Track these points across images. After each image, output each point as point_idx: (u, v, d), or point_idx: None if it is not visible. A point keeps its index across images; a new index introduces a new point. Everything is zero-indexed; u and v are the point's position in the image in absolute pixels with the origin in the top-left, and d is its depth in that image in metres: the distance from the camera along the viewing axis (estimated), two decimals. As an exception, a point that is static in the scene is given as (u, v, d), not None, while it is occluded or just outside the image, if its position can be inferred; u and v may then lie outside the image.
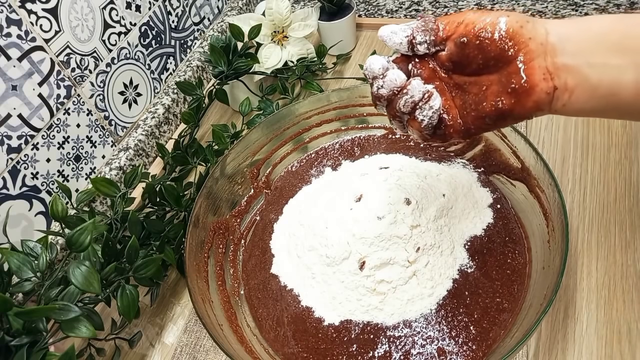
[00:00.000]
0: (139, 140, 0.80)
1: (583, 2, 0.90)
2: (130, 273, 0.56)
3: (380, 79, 0.41)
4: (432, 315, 0.53)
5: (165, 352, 0.63)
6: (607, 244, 0.60)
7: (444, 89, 0.41)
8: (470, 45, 0.37)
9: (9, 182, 0.63)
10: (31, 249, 0.54)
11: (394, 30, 0.41)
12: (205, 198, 0.63)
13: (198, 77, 0.91)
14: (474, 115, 0.40)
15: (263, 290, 0.60)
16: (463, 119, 0.41)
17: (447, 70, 0.41)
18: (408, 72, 0.41)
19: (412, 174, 0.61)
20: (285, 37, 0.86)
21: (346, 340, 0.53)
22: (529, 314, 0.48)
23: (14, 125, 0.63)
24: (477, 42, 0.37)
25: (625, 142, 0.69)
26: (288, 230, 0.64)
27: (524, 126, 0.73)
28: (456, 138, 0.42)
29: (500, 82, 0.38)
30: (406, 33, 0.40)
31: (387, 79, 0.41)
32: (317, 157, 0.73)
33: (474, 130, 0.41)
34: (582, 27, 0.36)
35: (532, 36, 0.36)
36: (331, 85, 0.91)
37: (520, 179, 0.58)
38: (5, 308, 0.45)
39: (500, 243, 0.57)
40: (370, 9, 1.04)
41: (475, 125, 0.40)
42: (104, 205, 0.74)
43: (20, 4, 0.62)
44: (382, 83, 0.41)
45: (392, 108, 0.42)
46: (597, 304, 0.56)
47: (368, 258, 0.54)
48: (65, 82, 0.69)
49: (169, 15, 0.87)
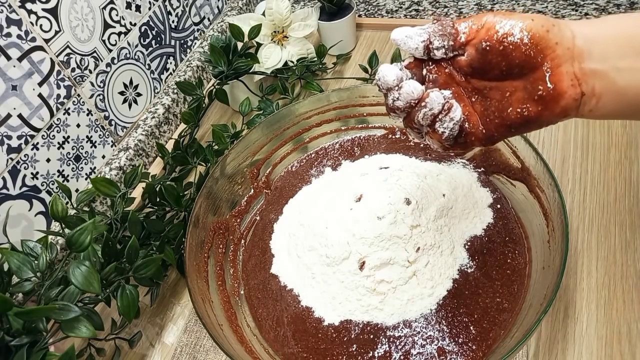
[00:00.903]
0: (139, 140, 0.80)
1: (583, 2, 0.90)
2: (130, 273, 0.56)
3: (396, 91, 0.39)
4: (432, 315, 0.53)
5: (165, 352, 0.63)
6: (607, 244, 0.60)
7: (462, 94, 0.39)
8: (493, 51, 0.36)
9: (9, 182, 0.63)
10: (31, 249, 0.54)
11: (409, 35, 0.38)
12: (205, 198, 0.63)
13: (198, 77, 0.91)
14: (498, 123, 0.38)
15: (263, 290, 0.60)
16: (485, 126, 0.39)
17: (464, 75, 0.39)
18: (422, 77, 0.39)
19: (412, 174, 0.61)
20: (285, 37, 0.86)
21: (346, 340, 0.53)
22: (529, 314, 0.48)
23: (14, 125, 0.63)
24: (500, 48, 0.35)
25: (625, 142, 0.69)
26: (288, 230, 0.64)
27: (524, 126, 0.73)
28: (478, 145, 0.40)
29: (525, 89, 0.36)
30: (422, 38, 0.38)
31: (404, 91, 0.38)
32: (317, 157, 0.73)
33: (497, 137, 0.39)
34: (606, 29, 0.35)
35: (559, 41, 0.34)
36: (331, 85, 0.91)
37: (520, 179, 0.58)
38: (5, 308, 0.45)
39: (500, 243, 0.57)
40: (370, 9, 1.04)
41: (498, 133, 0.39)
42: (104, 205, 0.74)
43: (20, 4, 0.62)
44: (397, 95, 0.39)
45: (410, 120, 0.40)
46: (597, 304, 0.56)
47: (368, 258, 0.54)
48: (65, 82, 0.69)
49: (169, 15, 0.87)
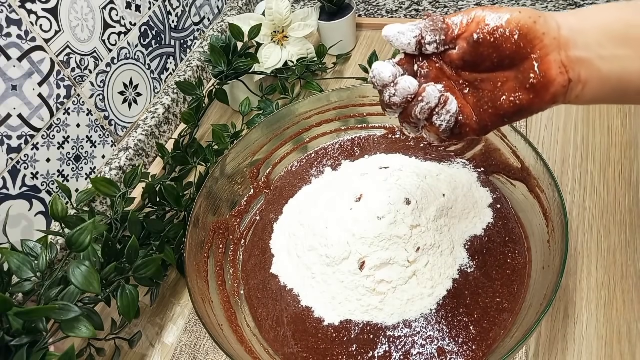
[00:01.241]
0: (139, 140, 0.80)
1: (583, 2, 0.90)
2: (130, 273, 0.56)
3: (392, 87, 0.40)
4: (432, 315, 0.53)
5: (165, 352, 0.63)
6: (607, 244, 0.60)
7: (453, 87, 0.40)
8: (484, 43, 0.37)
9: (9, 182, 0.63)
10: (31, 249, 0.54)
11: (401, 31, 0.39)
12: (205, 198, 0.63)
13: (198, 77, 0.91)
14: (492, 113, 0.39)
15: (263, 290, 0.60)
16: (479, 116, 0.40)
17: (455, 68, 0.40)
18: (414, 73, 0.40)
19: (412, 174, 0.61)
20: (285, 37, 0.86)
21: (346, 340, 0.53)
22: (529, 314, 0.48)
23: (14, 125, 0.63)
24: (491, 40, 0.37)
25: (625, 142, 0.69)
26: (288, 230, 0.64)
27: (524, 126, 0.74)
28: (472, 135, 0.41)
29: (516, 79, 0.37)
30: (414, 33, 0.39)
31: (400, 87, 0.39)
32: (317, 157, 0.73)
33: (491, 126, 0.40)
34: (589, 18, 0.36)
35: (546, 31, 0.36)
36: (331, 85, 0.91)
37: (520, 179, 0.58)
38: (5, 308, 0.45)
39: (500, 243, 0.57)
40: (370, 9, 1.04)
41: (492, 122, 0.40)
42: (104, 205, 0.74)
43: (20, 4, 0.62)
44: (394, 91, 0.39)
45: (407, 115, 0.41)
46: (597, 304, 0.56)
47: (368, 258, 0.54)
48: (65, 82, 0.69)
49: (169, 15, 0.87)
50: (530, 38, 0.36)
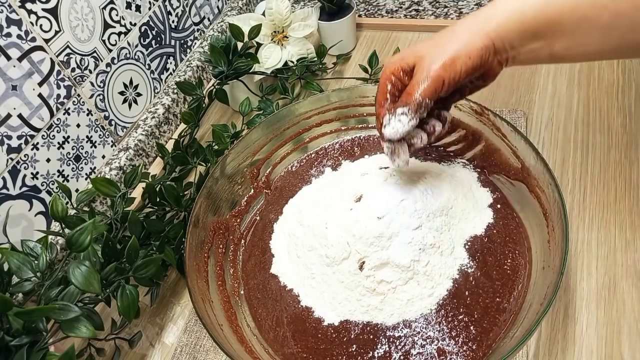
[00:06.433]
0: (139, 140, 0.80)
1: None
2: (130, 273, 0.56)
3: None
4: (432, 316, 0.53)
5: (165, 352, 0.63)
6: (607, 244, 0.60)
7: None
8: (450, 87, 0.47)
9: (9, 182, 0.63)
10: (31, 249, 0.54)
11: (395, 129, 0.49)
12: (205, 198, 0.63)
13: (198, 77, 0.91)
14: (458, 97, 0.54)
15: (263, 290, 0.60)
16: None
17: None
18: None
19: (412, 174, 0.61)
20: (285, 37, 0.86)
21: (346, 340, 0.53)
22: (529, 314, 0.48)
23: (14, 125, 0.63)
24: (455, 83, 0.47)
25: (625, 143, 0.69)
26: (288, 230, 0.64)
27: (524, 126, 0.74)
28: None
29: (472, 83, 0.52)
30: (406, 128, 0.49)
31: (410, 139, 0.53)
32: (317, 157, 0.73)
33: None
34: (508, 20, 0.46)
35: (490, 54, 0.47)
36: (331, 85, 0.91)
37: (520, 179, 0.58)
38: (5, 308, 0.45)
39: (500, 243, 0.57)
40: (370, 9, 1.04)
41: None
42: (104, 205, 0.74)
43: (20, 4, 0.62)
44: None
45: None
46: (597, 304, 0.56)
47: (368, 258, 0.54)
48: (65, 82, 0.69)
49: (169, 15, 0.87)
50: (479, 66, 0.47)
